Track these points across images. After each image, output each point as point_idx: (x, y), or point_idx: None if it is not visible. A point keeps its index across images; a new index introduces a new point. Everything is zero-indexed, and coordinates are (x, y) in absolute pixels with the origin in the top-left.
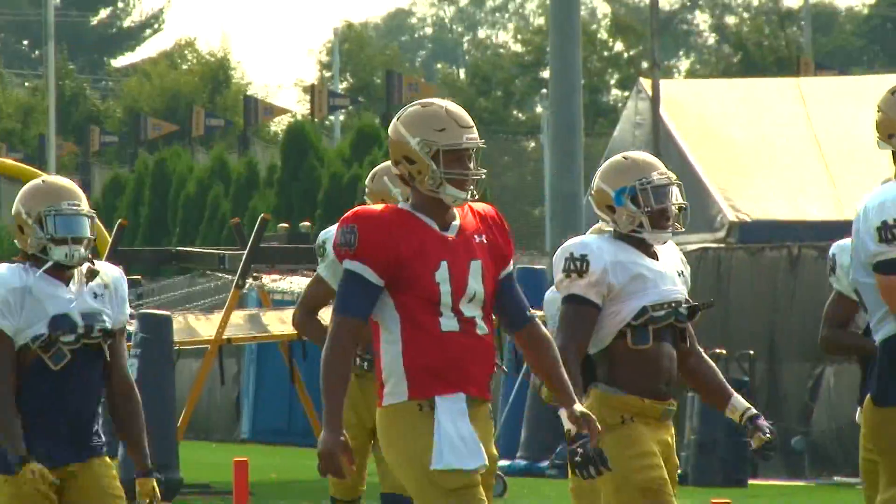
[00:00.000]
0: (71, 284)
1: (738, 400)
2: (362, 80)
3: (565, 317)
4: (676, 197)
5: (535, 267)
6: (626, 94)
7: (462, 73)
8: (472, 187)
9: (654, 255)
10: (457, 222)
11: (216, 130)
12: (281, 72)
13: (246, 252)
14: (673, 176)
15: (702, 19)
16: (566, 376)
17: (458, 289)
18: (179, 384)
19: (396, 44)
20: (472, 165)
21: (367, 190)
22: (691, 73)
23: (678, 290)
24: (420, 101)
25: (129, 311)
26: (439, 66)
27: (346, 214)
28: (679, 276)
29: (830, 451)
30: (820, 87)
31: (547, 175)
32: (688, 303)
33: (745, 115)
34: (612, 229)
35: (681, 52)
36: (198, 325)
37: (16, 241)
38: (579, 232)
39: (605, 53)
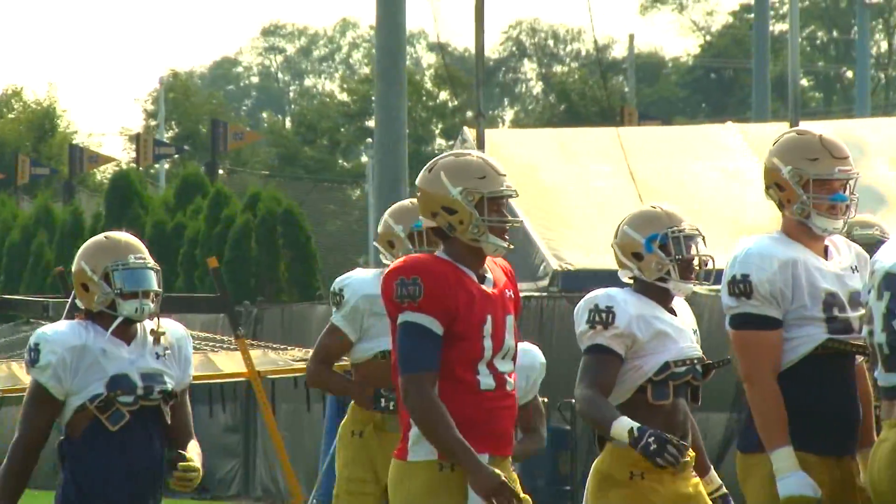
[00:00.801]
0: (133, 344)
1: (714, 476)
2: (187, 129)
3: (588, 365)
4: (702, 249)
5: None
6: (451, 143)
7: (288, 122)
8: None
9: (672, 311)
10: (490, 276)
11: (41, 178)
12: (107, 120)
13: (69, 300)
14: (698, 228)
15: (530, 68)
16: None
17: (497, 344)
18: (1, 431)
19: (222, 92)
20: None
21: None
22: (516, 123)
23: (696, 346)
24: (453, 152)
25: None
26: (265, 114)
27: (399, 264)
28: (693, 332)
29: None
30: (641, 136)
31: (371, 224)
32: (703, 360)
33: (569, 165)
34: (630, 280)
35: (506, 102)
36: (20, 373)
37: (78, 301)
38: None
39: (430, 103)
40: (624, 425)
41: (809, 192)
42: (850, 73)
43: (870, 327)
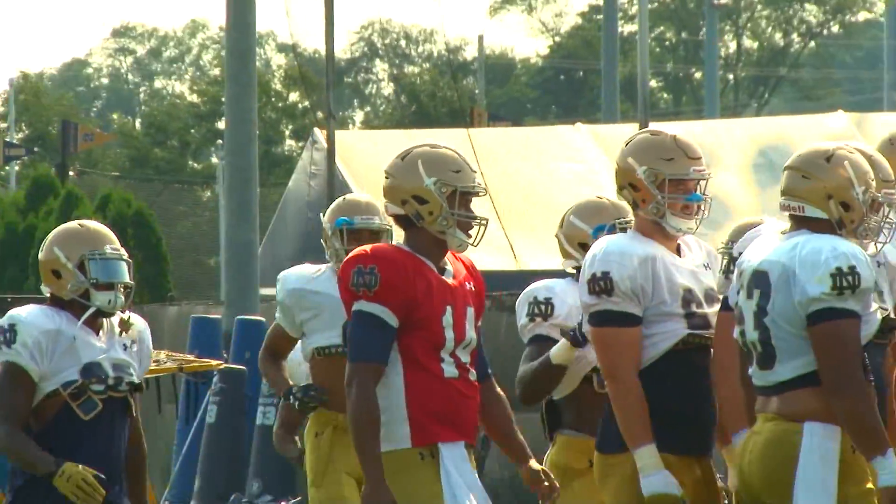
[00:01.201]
0: (101, 334)
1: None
2: (38, 130)
3: (530, 355)
4: None
5: (211, 316)
6: (301, 144)
7: (138, 124)
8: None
9: None
10: (450, 268)
11: None
12: None
13: None
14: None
15: (381, 68)
16: (519, 434)
17: (458, 335)
18: None
19: (72, 94)
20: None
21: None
22: (367, 124)
23: None
24: (427, 143)
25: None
26: (115, 115)
27: (357, 253)
28: None
29: (504, 500)
30: (491, 137)
31: (222, 225)
32: None
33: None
34: (574, 271)
35: (356, 103)
36: None
37: (45, 286)
38: (254, 282)
39: (280, 104)
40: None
41: (665, 192)
42: (699, 75)
43: (741, 327)
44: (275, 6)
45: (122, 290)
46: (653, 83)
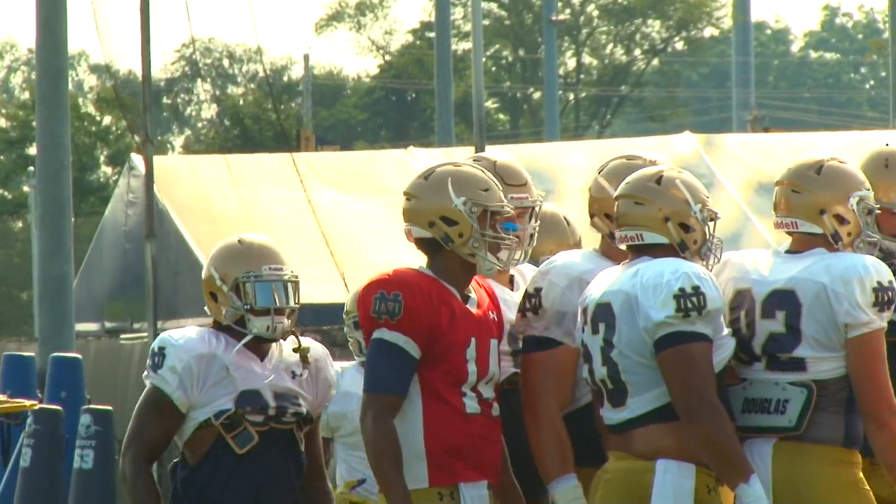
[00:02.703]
0: (266, 360)
1: None
2: None
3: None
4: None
5: (24, 354)
6: (118, 169)
7: None
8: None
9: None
10: (474, 296)
11: None
12: None
13: None
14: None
15: (203, 89)
16: (512, 476)
17: (482, 369)
18: None
19: None
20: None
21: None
22: (187, 149)
23: None
24: (452, 162)
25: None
26: None
27: (380, 277)
28: None
29: None
30: (319, 162)
31: (35, 257)
32: None
33: (244, 193)
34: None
35: (175, 126)
36: None
37: (207, 309)
38: (69, 318)
39: (94, 128)
40: None
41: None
42: (537, 95)
43: (588, 365)
44: (87, 25)
45: (286, 314)
46: (489, 104)
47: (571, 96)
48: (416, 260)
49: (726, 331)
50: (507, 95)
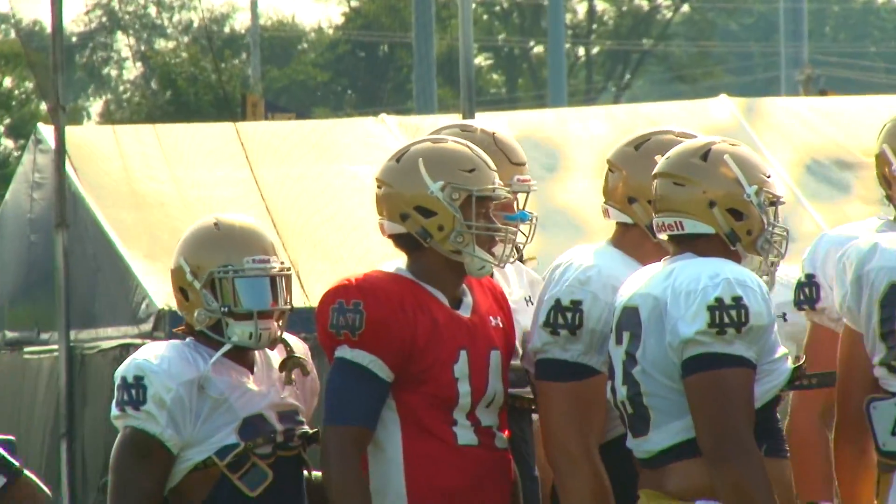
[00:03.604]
0: (257, 370)
1: None
2: None
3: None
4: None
5: None
6: (21, 143)
7: None
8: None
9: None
10: (469, 298)
11: None
12: None
13: None
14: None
15: (125, 44)
16: None
17: (478, 388)
18: None
19: None
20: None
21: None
22: (107, 117)
23: None
24: (429, 137)
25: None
26: None
27: (340, 284)
28: None
29: None
30: (269, 133)
31: None
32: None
33: (178, 171)
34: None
35: (92, 89)
36: None
37: (178, 310)
38: None
39: None
40: None
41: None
42: (539, 49)
43: (611, 382)
44: None
45: (275, 317)
46: (480, 60)
47: (582, 51)
48: (392, 255)
49: (780, 352)
50: (503, 50)
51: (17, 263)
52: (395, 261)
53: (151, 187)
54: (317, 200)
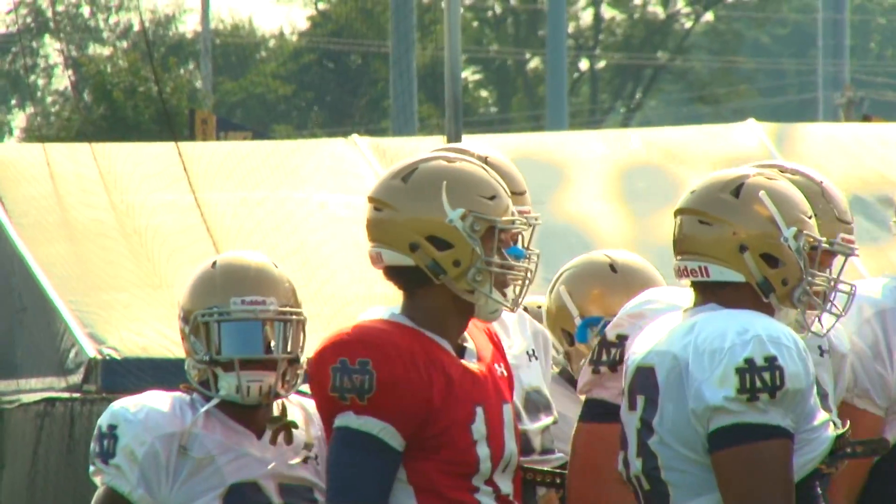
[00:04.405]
0: (267, 436)
1: None
2: None
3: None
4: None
5: None
6: None
7: None
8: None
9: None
10: (471, 345)
11: None
12: None
13: None
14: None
15: (53, 49)
16: None
17: (496, 450)
18: None
19: None
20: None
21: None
22: (32, 134)
23: None
24: (436, 154)
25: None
26: None
27: (339, 337)
28: None
29: None
30: (220, 155)
31: None
32: None
33: (115, 198)
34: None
35: (14, 101)
36: None
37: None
38: None
39: None
40: None
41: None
42: (536, 62)
43: (623, 454)
44: None
45: (272, 367)
46: (468, 74)
47: (585, 65)
48: (365, 297)
49: (820, 418)
50: (494, 63)
51: None
52: (378, 307)
53: (83, 215)
54: (276, 233)
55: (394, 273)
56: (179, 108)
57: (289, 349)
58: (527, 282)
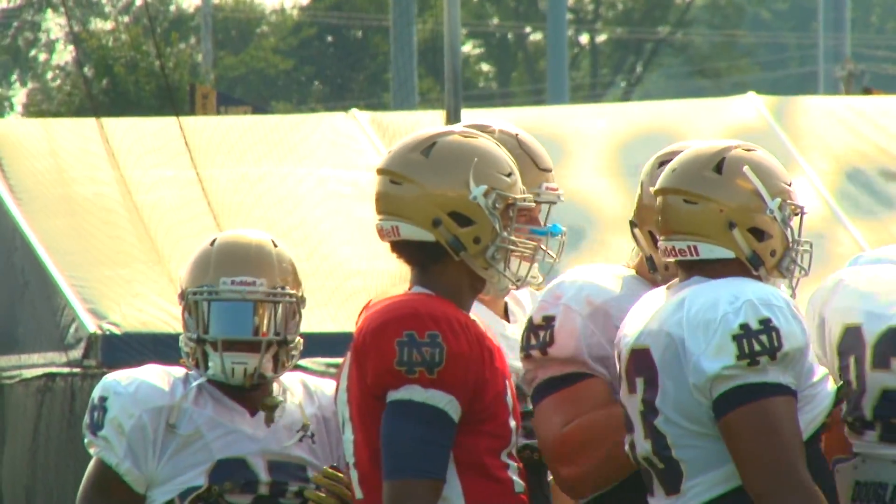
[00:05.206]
0: (261, 414)
1: None
2: None
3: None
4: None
5: None
6: None
7: None
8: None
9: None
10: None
11: None
12: None
13: None
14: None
15: (55, 23)
16: None
17: (518, 423)
18: None
19: None
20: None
21: None
22: (32, 109)
23: None
24: (455, 128)
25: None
26: None
27: (396, 312)
28: None
29: None
30: (221, 129)
31: None
32: None
33: (112, 170)
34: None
35: (16, 76)
36: None
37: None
38: None
39: None
40: None
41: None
42: (537, 36)
43: (630, 437)
44: None
45: (261, 348)
46: (468, 48)
47: (586, 39)
48: (363, 273)
49: (819, 374)
50: (494, 37)
51: None
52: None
53: (84, 190)
54: (276, 209)
55: (409, 247)
56: (181, 83)
57: (276, 331)
58: (544, 258)
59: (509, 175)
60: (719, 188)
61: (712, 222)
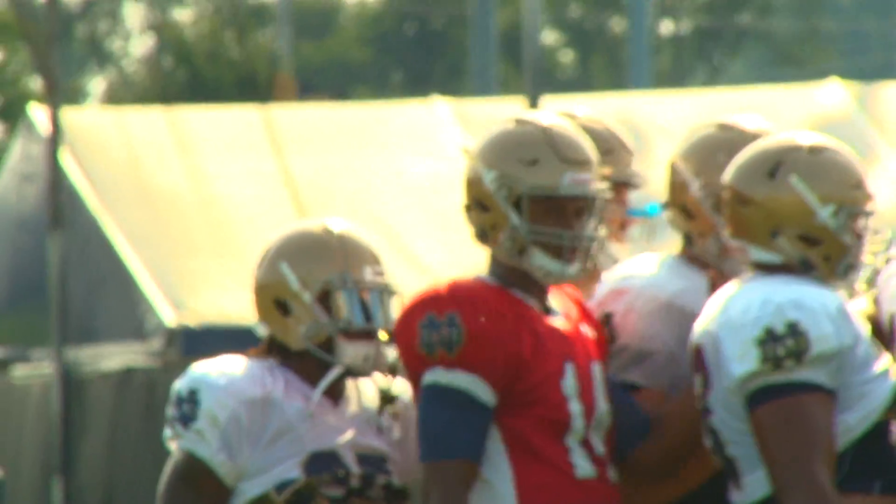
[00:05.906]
0: (343, 405)
1: None
2: None
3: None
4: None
5: None
6: (9, 129)
7: None
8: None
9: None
10: (556, 306)
11: None
12: None
13: None
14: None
15: (133, 12)
16: None
17: (588, 407)
18: None
19: None
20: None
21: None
22: (112, 98)
23: None
24: (519, 115)
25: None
26: None
27: (426, 294)
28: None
29: None
30: (302, 118)
31: None
32: None
33: (194, 162)
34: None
35: (95, 65)
36: None
37: (261, 325)
38: None
39: None
40: None
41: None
42: (618, 25)
43: (712, 437)
44: None
45: (374, 337)
46: (548, 37)
47: (669, 28)
48: (448, 264)
49: (880, 367)
50: (575, 25)
51: (5, 270)
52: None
53: (162, 181)
54: (356, 199)
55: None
56: (260, 71)
57: (389, 321)
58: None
59: (533, 163)
60: (769, 194)
61: (758, 227)
